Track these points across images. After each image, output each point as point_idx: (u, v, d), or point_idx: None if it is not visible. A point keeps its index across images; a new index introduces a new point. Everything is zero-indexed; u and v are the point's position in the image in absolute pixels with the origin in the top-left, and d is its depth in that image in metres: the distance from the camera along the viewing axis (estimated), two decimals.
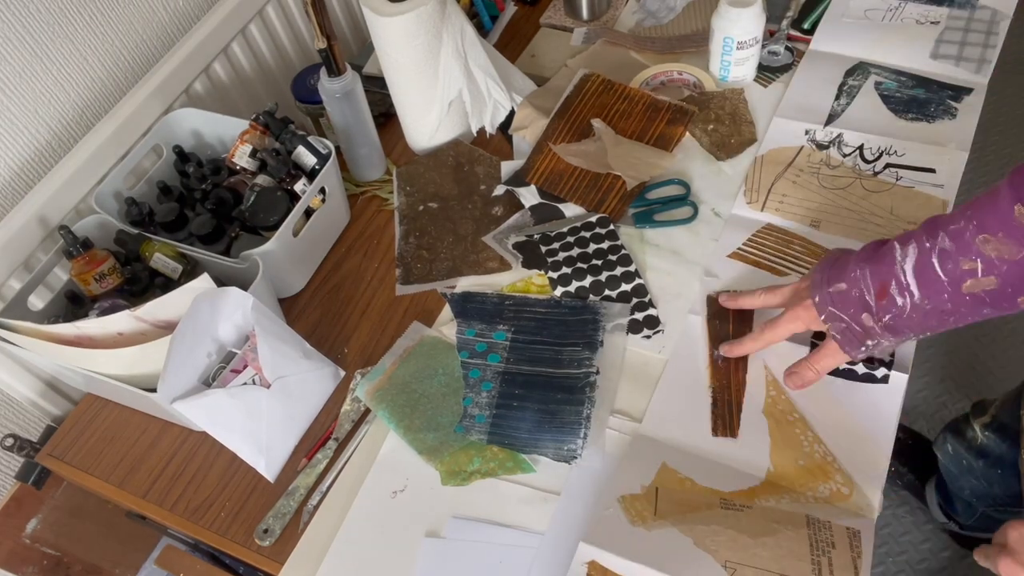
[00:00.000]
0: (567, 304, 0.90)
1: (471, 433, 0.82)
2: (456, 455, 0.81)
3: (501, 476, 0.80)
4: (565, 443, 0.80)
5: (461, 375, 0.86)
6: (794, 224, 0.94)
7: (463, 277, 0.96)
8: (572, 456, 0.79)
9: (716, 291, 0.90)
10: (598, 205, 0.99)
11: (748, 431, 0.79)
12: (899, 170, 0.97)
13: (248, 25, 1.18)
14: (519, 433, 0.81)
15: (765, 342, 0.81)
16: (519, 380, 0.85)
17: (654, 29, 1.23)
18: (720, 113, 1.06)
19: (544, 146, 1.05)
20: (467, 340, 0.89)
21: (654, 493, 0.75)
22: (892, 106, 1.03)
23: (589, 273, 0.92)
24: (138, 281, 0.92)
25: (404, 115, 1.09)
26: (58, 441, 0.92)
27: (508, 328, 0.89)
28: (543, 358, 0.86)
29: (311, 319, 0.97)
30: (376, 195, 1.08)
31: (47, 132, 0.99)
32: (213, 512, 0.83)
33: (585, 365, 0.85)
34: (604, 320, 0.88)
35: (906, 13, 1.12)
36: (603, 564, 0.70)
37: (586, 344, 0.86)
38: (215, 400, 0.78)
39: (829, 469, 0.76)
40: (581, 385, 0.83)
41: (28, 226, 0.94)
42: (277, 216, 0.93)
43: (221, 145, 1.07)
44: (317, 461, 0.84)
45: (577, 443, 0.80)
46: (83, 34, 1.00)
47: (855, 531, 0.70)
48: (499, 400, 0.83)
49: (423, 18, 0.95)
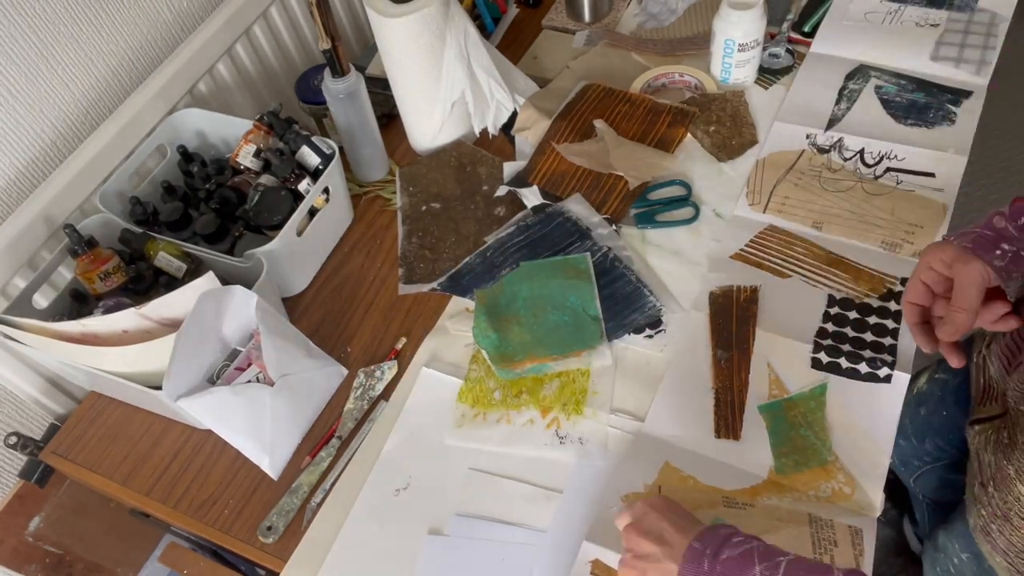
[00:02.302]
0: (534, 220, 0.98)
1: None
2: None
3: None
4: (643, 308, 0.89)
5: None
6: (796, 225, 0.95)
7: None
8: (658, 313, 0.89)
9: (720, 287, 0.90)
10: (600, 206, 0.99)
11: (751, 430, 0.80)
12: (899, 174, 0.97)
13: (252, 26, 1.19)
14: (607, 326, 0.89)
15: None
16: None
17: (655, 31, 1.23)
18: (721, 115, 1.07)
19: (546, 147, 1.06)
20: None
21: (657, 491, 0.75)
22: (892, 111, 1.04)
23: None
24: (142, 280, 0.92)
25: (407, 116, 1.10)
26: (62, 439, 0.92)
27: (509, 269, 0.95)
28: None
29: (314, 318, 0.98)
30: (379, 195, 1.09)
31: (52, 132, 0.99)
32: (217, 509, 0.84)
33: (594, 250, 0.94)
34: (573, 215, 0.97)
35: (906, 16, 1.13)
36: (606, 562, 0.71)
37: (579, 237, 0.95)
38: (219, 398, 0.78)
39: (831, 468, 0.76)
40: (608, 265, 0.93)
41: (33, 225, 0.94)
42: (281, 216, 0.93)
43: (225, 145, 1.08)
44: (320, 459, 0.84)
45: (652, 300, 0.90)
46: (88, 35, 1.00)
47: (857, 529, 0.71)
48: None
49: (427, 19, 0.96)
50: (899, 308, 0.85)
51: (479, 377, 0.88)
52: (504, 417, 0.84)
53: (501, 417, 0.84)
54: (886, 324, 0.85)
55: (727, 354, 0.85)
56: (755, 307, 0.88)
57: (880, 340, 0.84)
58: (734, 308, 0.88)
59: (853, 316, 0.86)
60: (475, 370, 0.89)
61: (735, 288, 0.90)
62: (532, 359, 0.86)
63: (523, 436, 0.83)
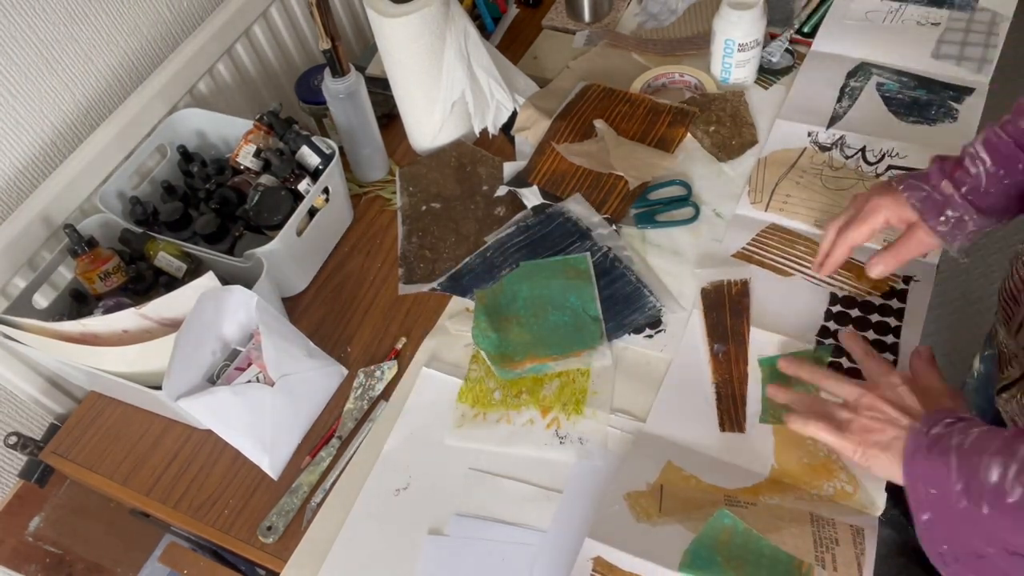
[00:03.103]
0: (534, 221, 0.98)
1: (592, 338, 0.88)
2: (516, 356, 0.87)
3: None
4: (644, 308, 0.89)
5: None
6: (798, 224, 0.95)
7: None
8: (659, 313, 0.89)
9: (711, 283, 0.90)
10: (600, 206, 0.99)
11: (753, 429, 0.80)
12: (901, 171, 0.97)
13: (252, 26, 1.19)
14: (607, 327, 0.88)
15: (848, 245, 0.82)
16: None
17: (655, 31, 1.23)
18: (721, 115, 1.06)
19: (546, 147, 1.06)
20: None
21: (659, 490, 0.75)
22: (894, 108, 1.04)
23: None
24: (142, 280, 0.92)
25: (407, 116, 1.10)
26: (62, 439, 0.92)
27: (509, 269, 0.95)
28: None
29: (314, 318, 0.97)
30: (379, 195, 1.09)
31: (52, 132, 0.99)
32: (217, 509, 0.84)
33: (594, 250, 0.93)
34: (573, 215, 0.97)
35: (907, 15, 1.13)
36: (608, 560, 0.71)
37: (579, 237, 0.95)
38: (219, 398, 0.78)
39: (833, 467, 0.76)
40: (608, 265, 0.92)
41: (33, 225, 0.94)
42: (281, 216, 0.93)
43: (225, 145, 1.08)
44: (320, 459, 0.84)
45: (651, 300, 0.89)
46: (88, 35, 1.00)
47: (859, 528, 0.70)
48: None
49: (427, 19, 0.96)
50: (902, 306, 0.85)
51: (479, 377, 0.88)
52: (504, 417, 0.84)
53: (501, 417, 0.84)
54: (888, 322, 0.85)
55: (723, 347, 0.85)
56: (747, 300, 0.88)
57: (882, 339, 0.84)
58: (726, 302, 0.88)
59: (855, 314, 0.86)
60: (475, 370, 0.89)
61: (726, 283, 0.90)
62: (532, 359, 0.86)
63: (523, 436, 0.83)
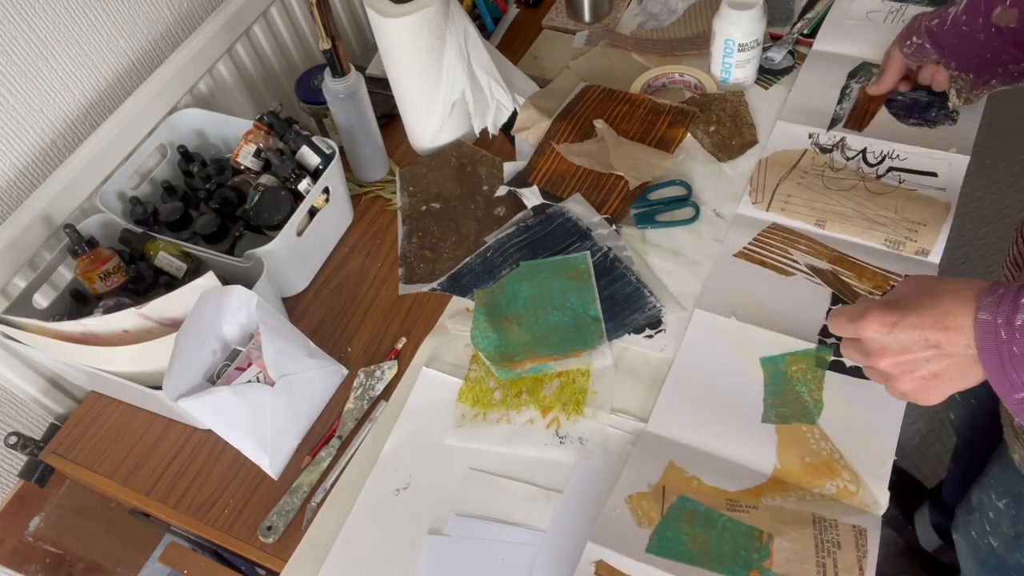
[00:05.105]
0: (534, 221, 0.98)
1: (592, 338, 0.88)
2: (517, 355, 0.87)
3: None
4: (644, 308, 0.89)
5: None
6: (799, 223, 0.95)
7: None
8: (659, 313, 0.89)
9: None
10: (600, 206, 0.99)
11: (754, 429, 0.80)
12: (902, 173, 0.97)
13: (252, 26, 1.19)
14: (607, 327, 0.89)
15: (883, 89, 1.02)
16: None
17: (655, 31, 1.23)
18: (721, 115, 1.06)
19: (546, 147, 1.06)
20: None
21: (661, 492, 0.75)
22: (894, 110, 1.04)
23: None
24: (142, 280, 0.92)
25: (407, 116, 1.10)
26: (62, 439, 0.92)
27: (509, 269, 0.95)
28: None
29: (314, 318, 0.97)
30: (379, 195, 1.09)
31: (52, 131, 0.99)
32: (217, 509, 0.84)
33: (594, 250, 0.93)
34: (573, 215, 0.97)
35: (908, 15, 1.13)
36: (610, 564, 0.71)
37: (579, 237, 0.95)
38: (220, 398, 0.78)
39: (836, 466, 0.76)
40: (608, 265, 0.93)
41: (33, 225, 0.94)
42: (281, 215, 0.93)
43: (225, 145, 1.08)
44: (320, 459, 0.84)
45: (652, 300, 0.90)
46: (88, 35, 1.00)
47: (861, 529, 0.70)
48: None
49: (427, 19, 0.96)
50: None
51: (479, 377, 0.88)
52: (504, 417, 0.84)
53: (501, 417, 0.84)
54: None
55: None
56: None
57: None
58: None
59: None
60: (475, 370, 0.88)
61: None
62: (532, 359, 0.86)
63: (523, 436, 0.83)
